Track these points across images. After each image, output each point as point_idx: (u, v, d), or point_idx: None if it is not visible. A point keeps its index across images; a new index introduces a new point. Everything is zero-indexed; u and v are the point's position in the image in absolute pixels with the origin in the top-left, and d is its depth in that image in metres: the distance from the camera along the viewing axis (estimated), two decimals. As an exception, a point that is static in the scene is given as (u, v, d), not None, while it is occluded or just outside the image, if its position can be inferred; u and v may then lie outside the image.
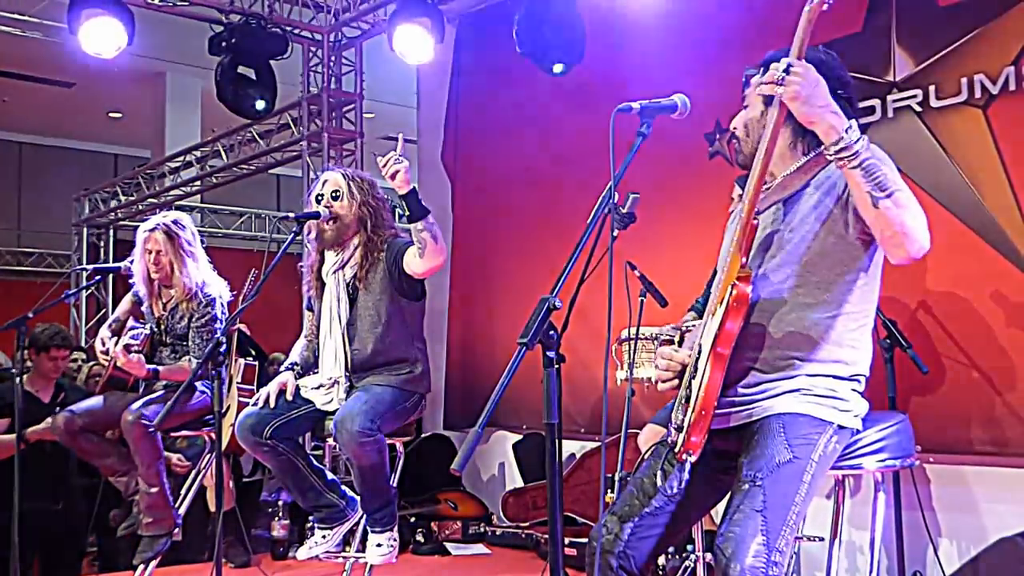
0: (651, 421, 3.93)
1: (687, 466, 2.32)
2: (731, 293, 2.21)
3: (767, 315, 2.34)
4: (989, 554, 3.17)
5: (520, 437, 6.06)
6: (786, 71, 2.16)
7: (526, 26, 5.36)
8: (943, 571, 3.97)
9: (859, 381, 2.40)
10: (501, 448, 6.26)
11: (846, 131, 2.13)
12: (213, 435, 3.74)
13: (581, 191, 5.17)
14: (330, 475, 3.79)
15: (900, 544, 3.62)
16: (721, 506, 2.36)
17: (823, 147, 2.21)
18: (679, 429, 2.29)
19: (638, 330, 3.79)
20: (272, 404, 3.60)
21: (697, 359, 2.34)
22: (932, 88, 4.28)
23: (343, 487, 3.81)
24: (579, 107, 5.58)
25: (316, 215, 3.70)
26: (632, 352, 3.82)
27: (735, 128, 2.56)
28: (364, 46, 7.11)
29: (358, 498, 3.72)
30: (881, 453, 2.49)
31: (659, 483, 2.37)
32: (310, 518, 3.82)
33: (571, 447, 5.59)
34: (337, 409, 3.56)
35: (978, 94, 4.13)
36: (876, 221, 2.17)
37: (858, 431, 2.40)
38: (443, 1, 6.14)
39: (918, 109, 4.33)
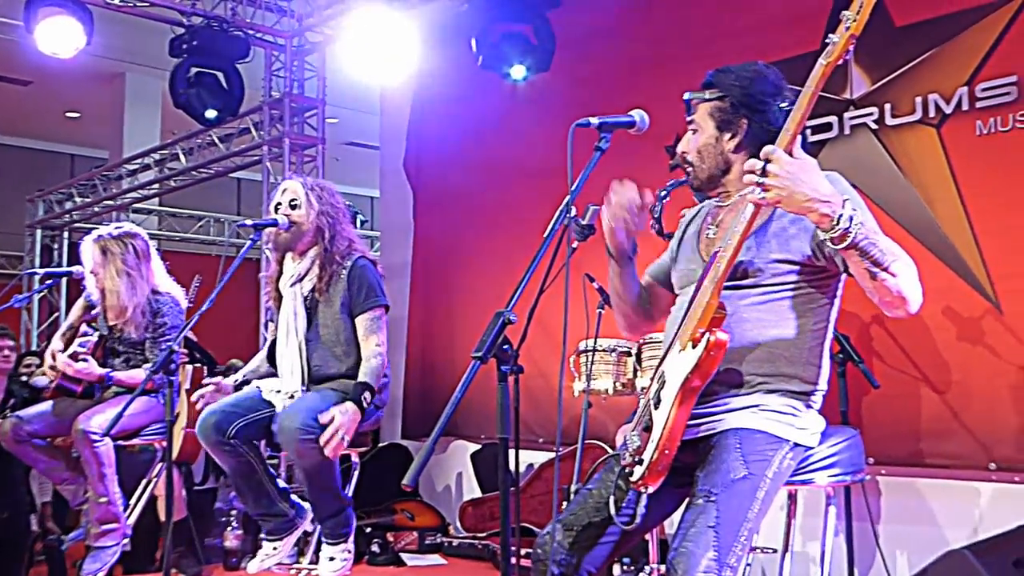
0: (626, 422, 3.97)
1: (643, 497, 2.34)
2: (709, 339, 2.21)
3: (729, 331, 2.36)
4: (937, 567, 3.21)
5: (478, 447, 6.07)
6: (764, 172, 2.05)
7: (484, 34, 5.39)
8: (892, 583, 4.06)
9: (816, 398, 2.44)
10: (459, 458, 6.26)
11: (838, 219, 2.05)
12: (164, 443, 3.71)
13: (544, 201, 5.13)
14: (281, 483, 3.74)
15: (851, 556, 3.67)
16: (677, 515, 2.38)
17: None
18: (637, 460, 2.30)
19: (596, 342, 3.81)
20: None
21: (660, 389, 2.35)
22: (887, 106, 4.37)
23: (293, 496, 3.77)
24: (543, 116, 5.58)
25: (274, 223, 3.68)
26: (589, 364, 3.85)
27: (686, 153, 2.55)
28: (327, 51, 7.10)
29: (308, 507, 3.70)
30: (833, 468, 2.50)
31: (612, 511, 2.36)
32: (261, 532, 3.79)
33: (530, 457, 5.60)
34: None
35: (932, 113, 4.22)
36: (875, 290, 2.17)
37: (812, 448, 2.44)
38: (406, 9, 6.14)
39: (874, 127, 4.41)
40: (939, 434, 4.11)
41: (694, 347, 2.22)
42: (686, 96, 2.56)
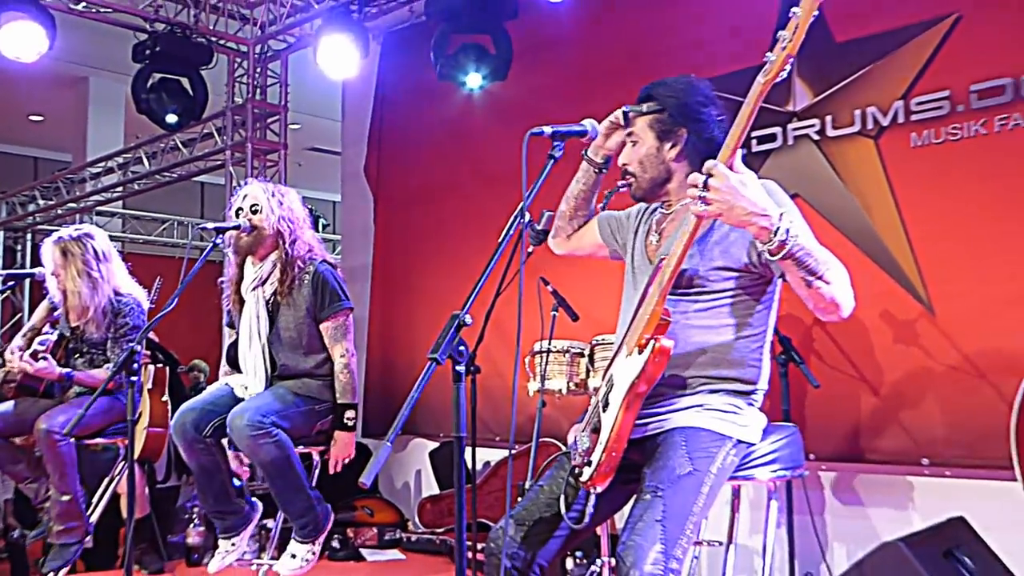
0: (577, 421, 3.99)
1: (592, 496, 2.35)
2: (654, 346, 2.24)
3: (674, 336, 2.39)
4: (873, 558, 3.26)
5: (437, 445, 6.07)
6: (705, 186, 2.07)
7: (441, 42, 5.40)
8: (831, 573, 4.11)
9: (758, 397, 2.48)
10: (418, 456, 6.26)
11: (775, 231, 2.07)
12: (126, 442, 3.68)
13: (502, 206, 5.13)
14: (237, 481, 3.73)
15: (792, 548, 3.72)
16: (626, 509, 2.41)
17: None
18: (587, 461, 2.32)
19: (550, 343, 3.84)
20: None
21: (608, 392, 2.37)
22: (828, 118, 4.43)
23: (247, 493, 3.76)
24: (501, 123, 5.61)
25: (236, 227, 3.65)
26: (544, 364, 3.87)
27: (627, 164, 2.55)
28: (290, 59, 7.06)
29: (260, 504, 3.73)
30: (774, 464, 2.54)
31: (562, 509, 2.39)
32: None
33: (487, 455, 5.61)
34: None
35: (870, 125, 4.29)
36: (809, 297, 2.20)
37: (754, 444, 2.48)
38: (368, 18, 6.13)
39: (816, 138, 4.47)
40: (876, 431, 4.17)
41: (640, 353, 2.24)
42: (625, 109, 2.57)
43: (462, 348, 2.06)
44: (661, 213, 2.63)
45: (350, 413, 3.52)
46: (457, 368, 2.05)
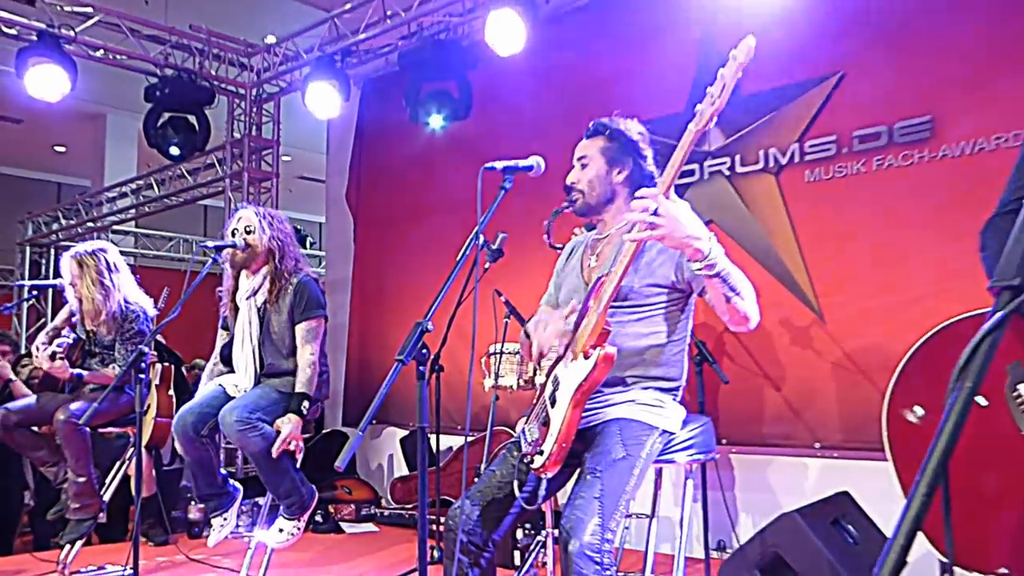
0: (525, 415, 3.99)
1: (543, 480, 2.35)
2: (600, 353, 2.25)
3: (612, 343, 2.40)
4: (773, 526, 3.28)
5: (406, 432, 6.03)
6: (655, 213, 2.06)
7: (413, 88, 5.38)
8: (739, 540, 4.14)
9: (679, 392, 2.50)
10: (391, 442, 6.20)
11: (707, 254, 2.09)
12: (135, 431, 3.62)
13: (463, 228, 5.16)
14: (223, 470, 3.72)
15: (706, 519, 3.74)
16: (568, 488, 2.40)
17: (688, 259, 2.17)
18: (538, 450, 2.32)
19: (503, 346, 3.83)
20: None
21: (555, 390, 2.37)
22: (738, 157, 4.49)
23: (230, 480, 3.73)
24: (463, 158, 5.60)
25: (232, 245, 3.62)
26: (498, 364, 3.86)
27: (576, 183, 2.56)
28: (283, 100, 6.99)
29: (240, 487, 3.71)
30: (690, 449, 2.55)
31: (516, 491, 2.38)
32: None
33: (450, 441, 5.58)
34: None
35: (772, 163, 4.35)
36: (726, 311, 2.23)
37: (674, 433, 2.50)
38: (350, 67, 6.10)
39: (727, 174, 4.52)
40: (776, 420, 4.22)
41: (586, 359, 2.25)
42: (584, 145, 2.57)
43: (424, 351, 2.04)
44: (594, 239, 2.65)
45: (305, 403, 3.47)
46: (420, 368, 2.04)
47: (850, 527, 3.36)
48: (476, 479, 2.56)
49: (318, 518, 5.36)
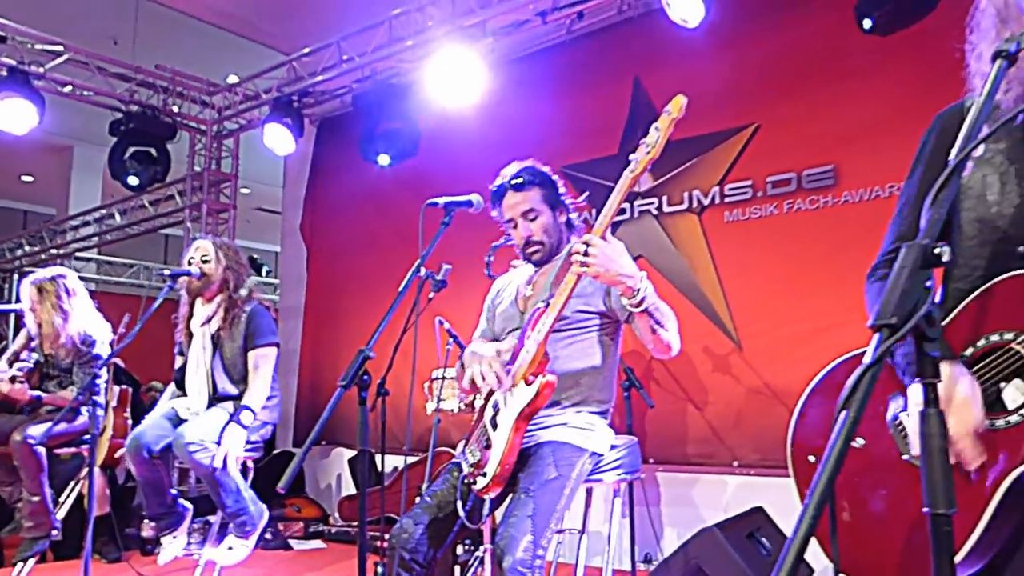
0: (465, 438, 3.94)
1: (487, 501, 2.33)
2: (542, 381, 2.24)
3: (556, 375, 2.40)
4: (695, 540, 3.31)
5: (354, 453, 5.92)
6: (586, 251, 2.06)
7: (365, 128, 5.36)
8: (663, 553, 4.14)
9: (608, 415, 2.50)
10: (339, 462, 6.09)
11: (638, 291, 2.11)
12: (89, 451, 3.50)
13: (411, 260, 5.15)
14: (173, 490, 3.61)
15: (633, 534, 3.74)
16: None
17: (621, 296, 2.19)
18: (481, 472, 2.29)
19: (444, 371, 3.80)
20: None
21: (495, 415, 2.35)
22: (664, 198, 4.56)
23: (180, 499, 3.63)
24: (411, 193, 5.56)
25: (188, 273, 3.55)
26: (440, 388, 3.82)
27: (532, 235, 2.50)
28: (242, 136, 6.89)
29: (191, 506, 3.61)
30: (618, 469, 2.56)
31: (460, 510, 2.35)
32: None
33: (395, 461, 5.50)
34: None
35: (695, 204, 4.44)
36: (651, 341, 2.25)
37: (603, 454, 2.49)
38: (307, 107, 6.06)
39: (655, 213, 4.59)
40: (699, 440, 4.25)
41: (527, 385, 2.24)
42: (522, 198, 2.52)
43: (366, 377, 2.02)
44: (529, 274, 2.65)
45: (247, 414, 3.39)
46: (361, 393, 2.01)
47: (764, 540, 3.40)
48: (418, 499, 2.52)
49: (267, 535, 5.21)
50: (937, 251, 0.95)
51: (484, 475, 2.27)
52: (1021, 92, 1.45)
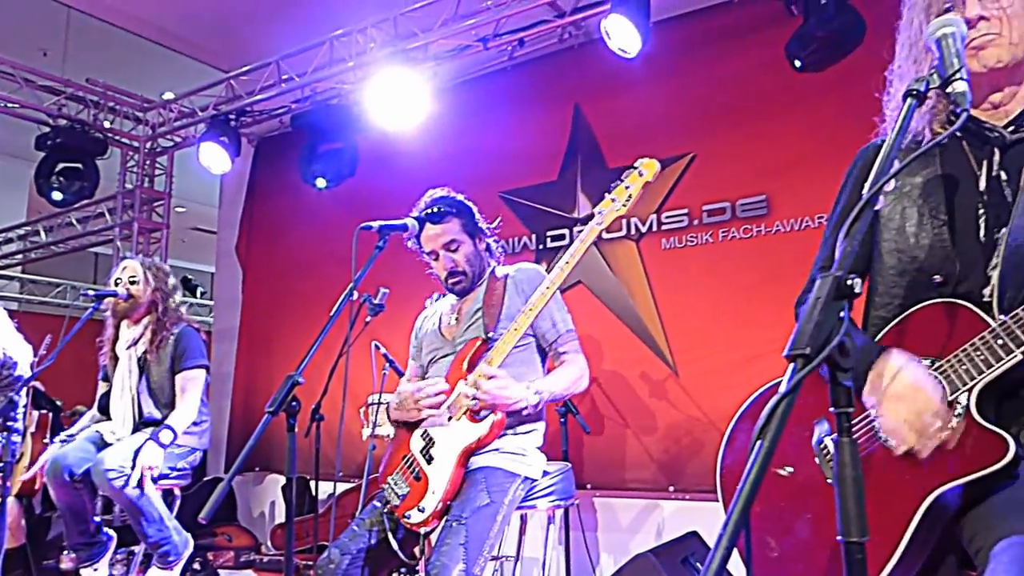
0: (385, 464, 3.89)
1: (423, 535, 2.31)
2: (495, 419, 2.26)
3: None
4: (630, 566, 3.31)
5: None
6: (474, 396, 2.27)
7: (304, 148, 5.31)
8: (600, 580, 4.14)
9: (540, 440, 2.51)
10: (272, 489, 5.93)
11: (531, 404, 2.31)
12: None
13: (348, 283, 5.09)
14: (96, 518, 3.47)
15: (567, 559, 3.73)
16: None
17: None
18: (419, 507, 2.27)
19: (380, 396, 3.76)
20: None
21: (430, 447, 2.33)
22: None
23: (103, 528, 3.49)
24: (349, 215, 5.50)
25: (114, 293, 3.45)
26: (375, 413, 3.77)
27: (455, 266, 2.54)
28: (179, 153, 6.73)
29: (114, 535, 3.49)
30: (551, 496, 2.57)
31: (391, 540, 2.33)
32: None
33: (330, 488, 5.38)
34: None
35: (633, 231, 4.50)
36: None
37: (536, 480, 2.49)
38: (245, 126, 5.97)
39: (594, 239, 4.63)
40: (636, 465, 4.27)
41: (472, 421, 2.25)
42: (442, 229, 2.54)
43: (294, 403, 1.98)
44: (452, 302, 2.66)
45: (167, 433, 3.31)
46: (289, 420, 1.98)
47: (698, 564, 3.42)
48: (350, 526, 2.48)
49: (196, 565, 5.02)
50: (850, 283, 0.97)
51: (421, 510, 2.25)
52: (938, 126, 1.52)
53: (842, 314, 0.96)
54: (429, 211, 2.53)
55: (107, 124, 6.30)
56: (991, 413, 1.36)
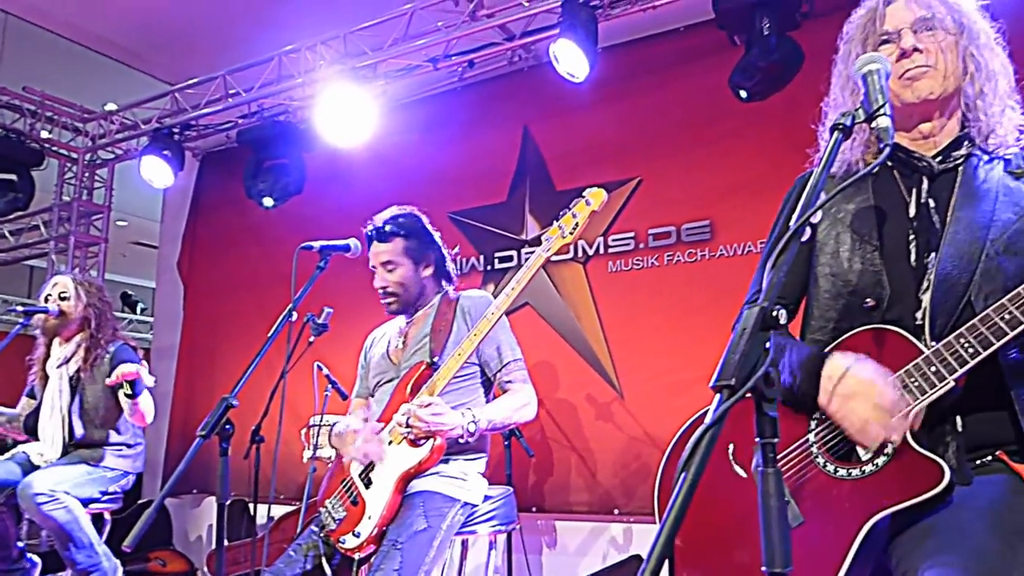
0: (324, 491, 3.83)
1: (356, 561, 2.28)
2: (435, 444, 2.23)
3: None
4: (573, 591, 3.31)
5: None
6: (408, 422, 2.25)
7: (249, 164, 5.23)
8: (542, 604, 4.12)
9: (481, 464, 2.49)
10: (210, 512, 5.77)
11: (467, 432, 2.29)
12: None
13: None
14: (20, 543, 3.34)
15: (511, 585, 3.70)
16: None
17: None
18: (354, 532, 2.24)
19: (322, 418, 3.70)
20: None
21: (369, 471, 2.29)
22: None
23: (27, 553, 3.36)
24: (293, 233, 5.39)
25: (44, 310, 3.34)
26: (317, 435, 3.71)
27: (387, 287, 2.53)
28: (122, 166, 6.56)
29: (39, 561, 3.37)
30: (492, 520, 2.55)
31: (325, 567, 2.29)
32: None
33: (276, 510, 5.27)
34: None
35: (580, 254, 4.53)
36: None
37: (477, 505, 2.47)
38: (189, 139, 5.86)
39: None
40: (581, 488, 4.27)
41: (412, 446, 2.22)
42: (384, 248, 2.53)
43: (228, 426, 1.94)
44: (400, 326, 2.64)
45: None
46: (222, 444, 1.93)
47: (640, 589, 3.42)
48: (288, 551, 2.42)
49: (126, 593, 4.86)
50: (775, 314, 0.99)
51: (357, 535, 2.22)
52: (870, 156, 1.57)
53: (768, 344, 0.97)
54: (377, 228, 2.53)
55: (44, 134, 6.12)
56: (924, 439, 1.39)
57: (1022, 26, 1.81)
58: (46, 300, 3.38)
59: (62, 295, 3.38)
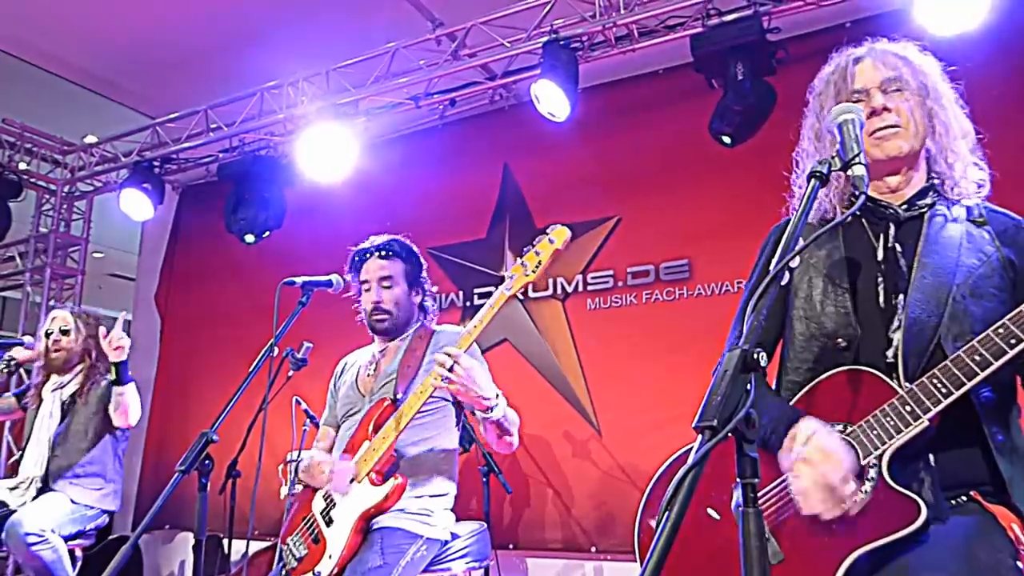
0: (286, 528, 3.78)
1: None
2: (395, 483, 2.21)
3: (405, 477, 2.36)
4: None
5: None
6: (452, 367, 2.14)
7: (229, 198, 5.22)
8: (520, 644, 4.06)
9: (448, 500, 2.47)
10: (183, 547, 5.66)
11: (491, 408, 2.21)
12: None
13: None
14: None
15: (488, 624, 3.65)
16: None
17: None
18: (313, 569, 2.21)
19: (300, 453, 3.65)
20: None
21: (330, 508, 2.27)
22: (530, 284, 4.63)
23: None
24: (274, 267, 5.39)
25: (20, 343, 3.36)
26: (295, 471, 3.66)
27: (381, 303, 2.53)
28: (100, 199, 6.52)
29: None
30: (466, 557, 2.53)
31: None
32: None
33: (252, 546, 5.17)
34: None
35: (559, 291, 4.55)
36: (494, 441, 2.33)
37: (447, 541, 2.45)
38: (169, 172, 5.84)
39: (521, 297, 4.66)
40: (558, 525, 4.25)
41: (374, 485, 2.20)
42: (385, 264, 2.54)
43: (208, 462, 1.92)
44: (374, 352, 2.63)
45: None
46: (201, 479, 1.91)
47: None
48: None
49: (93, 633, 4.72)
50: (756, 356, 1.01)
51: (317, 574, 2.19)
52: (841, 205, 1.62)
53: (749, 387, 0.99)
54: (378, 245, 2.53)
55: (23, 165, 6.08)
56: (900, 476, 1.41)
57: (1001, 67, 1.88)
58: (46, 335, 3.45)
59: (63, 329, 3.43)
